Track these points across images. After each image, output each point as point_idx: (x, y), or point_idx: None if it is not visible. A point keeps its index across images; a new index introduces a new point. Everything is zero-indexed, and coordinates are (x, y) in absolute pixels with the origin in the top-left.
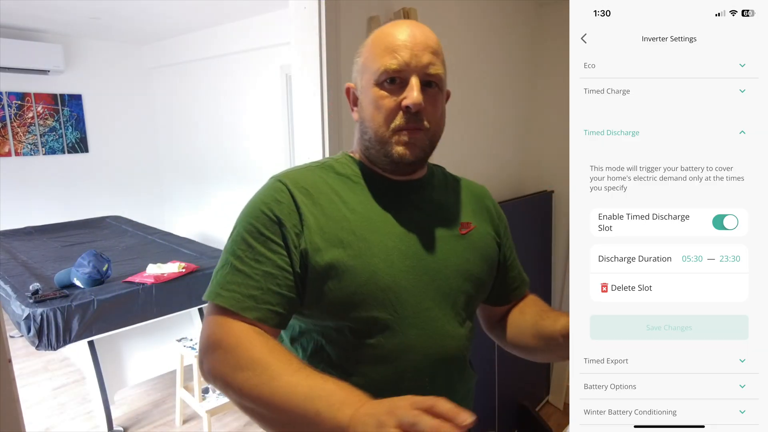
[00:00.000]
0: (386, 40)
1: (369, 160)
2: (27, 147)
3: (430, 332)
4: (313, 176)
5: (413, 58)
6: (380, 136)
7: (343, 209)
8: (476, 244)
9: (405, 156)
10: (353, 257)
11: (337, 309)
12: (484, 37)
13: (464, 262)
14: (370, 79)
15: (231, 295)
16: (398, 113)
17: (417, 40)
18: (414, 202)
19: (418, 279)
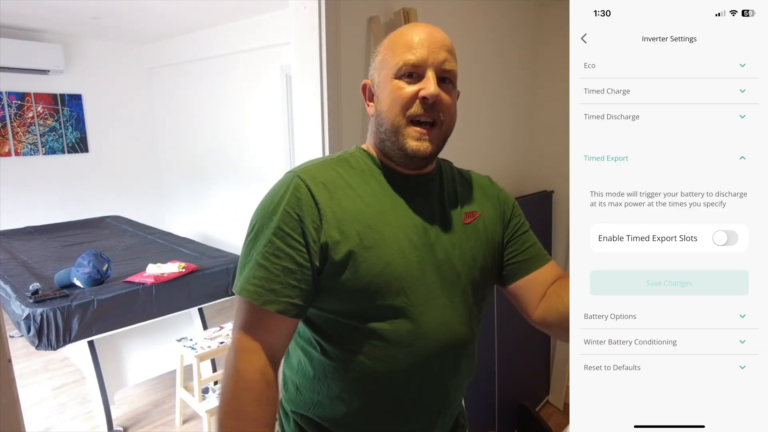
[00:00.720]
0: (406, 38)
1: (383, 153)
2: (27, 147)
3: (440, 319)
4: (330, 171)
5: (431, 55)
6: (396, 126)
7: (358, 202)
8: (481, 231)
9: (419, 151)
10: (368, 249)
11: (355, 297)
12: (484, 37)
13: (471, 251)
14: (388, 74)
15: (255, 289)
16: (415, 102)
17: (434, 39)
18: (423, 194)
19: (428, 269)
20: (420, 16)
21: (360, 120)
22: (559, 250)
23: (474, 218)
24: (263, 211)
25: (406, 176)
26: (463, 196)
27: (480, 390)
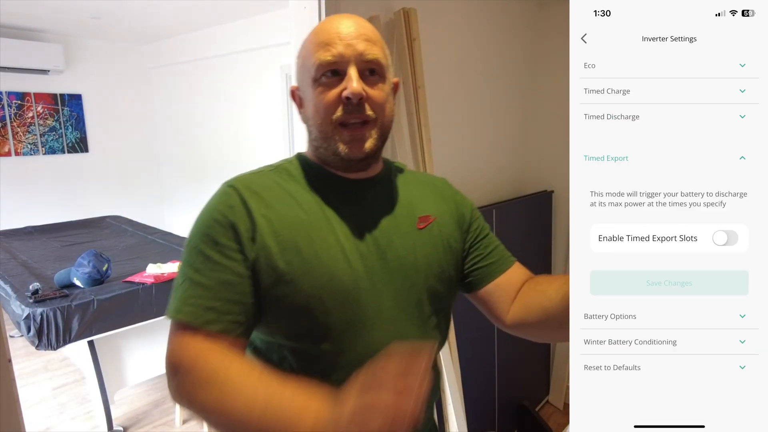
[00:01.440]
0: (319, 35)
1: (321, 160)
2: (27, 147)
3: (392, 333)
4: (266, 179)
5: (347, 48)
6: (324, 133)
7: (297, 211)
8: (436, 237)
9: (351, 154)
10: (310, 261)
11: (296, 315)
12: (484, 37)
13: (424, 258)
14: (308, 77)
15: (192, 309)
16: (339, 106)
17: (350, 30)
18: (370, 199)
19: (378, 279)
20: (420, 16)
21: None
22: (559, 250)
23: (428, 223)
24: (195, 226)
25: (350, 181)
26: (416, 200)
27: (480, 390)
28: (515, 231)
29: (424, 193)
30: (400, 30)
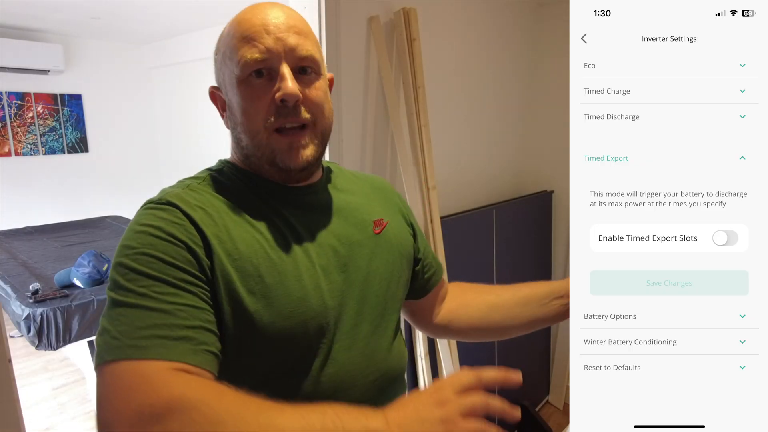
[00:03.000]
0: (242, 27)
1: (254, 169)
2: (27, 147)
3: (366, 352)
4: (200, 193)
5: (277, 43)
6: (257, 142)
7: (248, 229)
8: (392, 241)
9: (294, 163)
10: (274, 287)
11: (264, 351)
12: (484, 37)
13: (386, 264)
14: (231, 77)
15: (159, 342)
16: (272, 110)
17: (278, 21)
18: (319, 208)
19: (345, 295)
20: (420, 16)
21: (360, 120)
22: (559, 250)
23: (383, 227)
24: (126, 254)
25: (293, 190)
26: (366, 203)
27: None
28: (515, 231)
29: (371, 195)
30: (400, 30)
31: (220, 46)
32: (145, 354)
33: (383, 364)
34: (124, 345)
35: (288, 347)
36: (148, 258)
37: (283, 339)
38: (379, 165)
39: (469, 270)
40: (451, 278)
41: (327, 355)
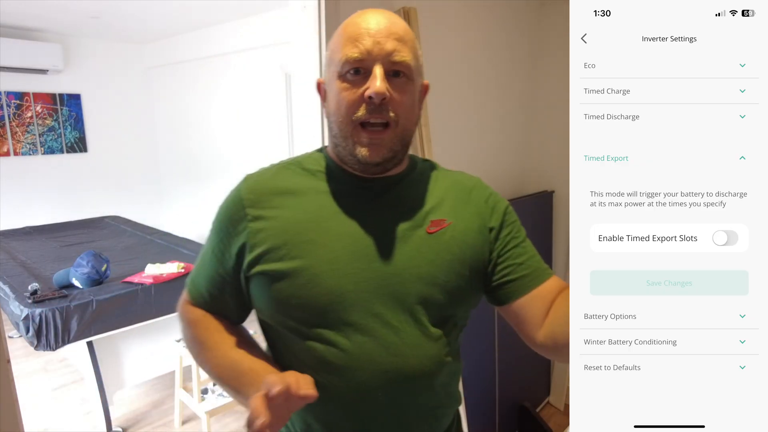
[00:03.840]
0: (349, 29)
1: (339, 157)
2: (26, 147)
3: (380, 341)
4: (275, 177)
5: (375, 46)
6: (343, 131)
7: (294, 210)
8: (447, 243)
9: (369, 157)
10: (295, 259)
11: (282, 312)
12: (484, 37)
13: (427, 264)
14: (334, 72)
15: (192, 288)
16: (361, 105)
17: (381, 27)
18: (380, 200)
19: (367, 282)
20: (420, 16)
21: None
22: (559, 251)
23: (440, 227)
24: (215, 215)
25: (364, 181)
26: (433, 202)
27: (480, 391)
28: None
29: (447, 195)
30: None
31: (330, 44)
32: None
33: (399, 360)
34: (189, 278)
35: (298, 312)
36: (212, 229)
37: (297, 307)
38: None
39: None
40: None
41: (340, 330)
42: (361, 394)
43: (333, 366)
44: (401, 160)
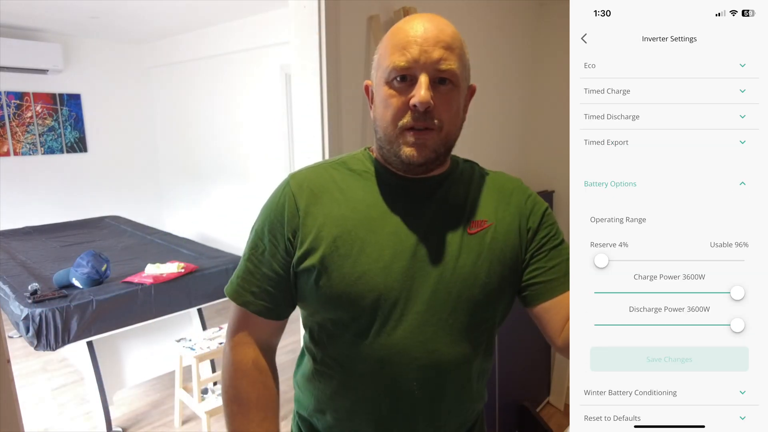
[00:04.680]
0: (398, 36)
1: (383, 158)
2: (26, 147)
3: (420, 337)
4: (322, 175)
5: (422, 55)
6: (389, 136)
7: (344, 208)
8: (488, 244)
9: (413, 157)
10: (345, 257)
11: (330, 306)
12: (484, 36)
13: (469, 264)
14: (381, 77)
15: (237, 288)
16: (407, 112)
17: (428, 35)
18: (424, 200)
19: (411, 281)
20: None
21: (360, 119)
22: None
23: (481, 228)
24: (260, 214)
25: (407, 181)
26: (475, 203)
27: None
28: None
29: (488, 196)
30: None
31: (379, 48)
32: (228, 293)
33: (435, 356)
34: (230, 280)
35: (346, 307)
36: (255, 229)
37: (345, 301)
38: None
39: None
40: None
41: (383, 325)
42: (398, 386)
43: (374, 356)
44: (444, 161)
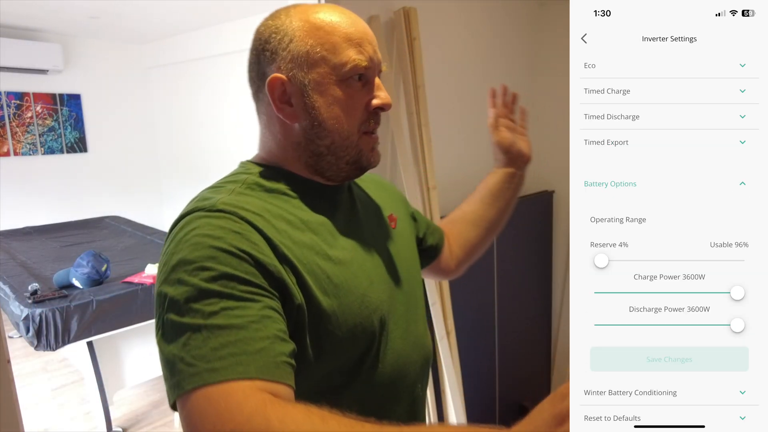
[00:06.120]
0: (345, 30)
1: (312, 168)
2: (26, 147)
3: (412, 337)
4: (250, 197)
5: (375, 54)
6: (349, 143)
7: (305, 230)
8: (405, 233)
9: (373, 162)
10: (341, 286)
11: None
12: (484, 36)
13: (407, 255)
14: (330, 75)
15: (236, 360)
16: (368, 115)
17: (371, 34)
18: (352, 207)
19: (391, 287)
20: (420, 16)
21: None
22: (559, 253)
23: (395, 221)
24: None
25: (334, 189)
26: (380, 201)
27: (480, 391)
28: (515, 232)
29: (378, 190)
30: (400, 29)
31: (298, 37)
32: (225, 375)
33: (424, 349)
34: (202, 370)
35: (357, 343)
36: (210, 272)
37: (354, 335)
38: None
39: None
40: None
41: (387, 345)
42: (408, 390)
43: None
44: None
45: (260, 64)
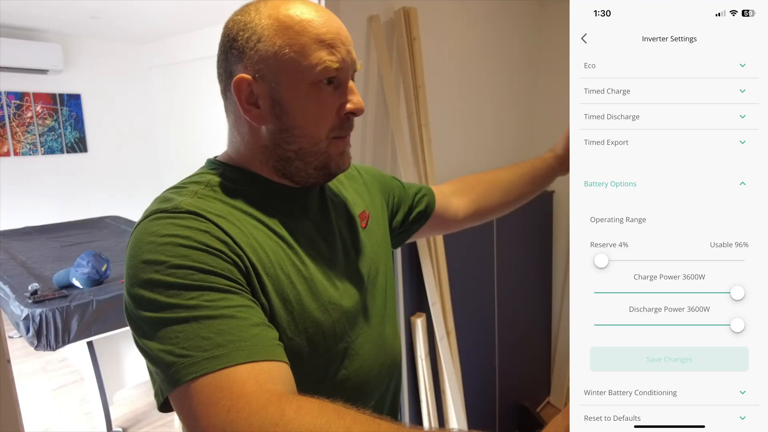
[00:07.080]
0: (316, 30)
1: (280, 172)
2: (26, 147)
3: (378, 341)
4: (211, 201)
5: (347, 55)
6: (318, 148)
7: (269, 234)
8: (377, 231)
9: (343, 167)
10: (305, 292)
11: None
12: (484, 36)
13: (378, 255)
14: (299, 77)
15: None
16: (339, 120)
17: (345, 33)
18: (320, 208)
19: (357, 291)
20: (420, 16)
21: (360, 119)
22: (560, 254)
23: (367, 219)
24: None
25: (304, 192)
26: (350, 198)
27: (480, 391)
28: (515, 232)
29: (352, 184)
30: (400, 29)
31: (266, 35)
32: (227, 362)
33: (392, 352)
34: (200, 360)
35: (318, 351)
36: (185, 270)
37: (314, 343)
38: (379, 164)
39: (470, 268)
40: (452, 279)
41: (351, 350)
42: (376, 396)
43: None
44: None
45: (227, 61)
